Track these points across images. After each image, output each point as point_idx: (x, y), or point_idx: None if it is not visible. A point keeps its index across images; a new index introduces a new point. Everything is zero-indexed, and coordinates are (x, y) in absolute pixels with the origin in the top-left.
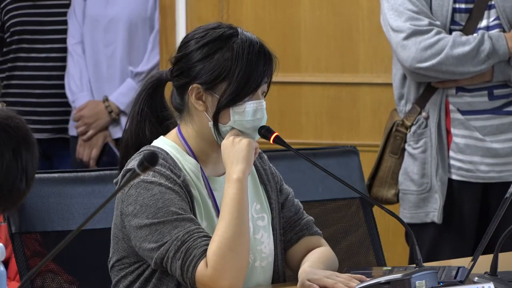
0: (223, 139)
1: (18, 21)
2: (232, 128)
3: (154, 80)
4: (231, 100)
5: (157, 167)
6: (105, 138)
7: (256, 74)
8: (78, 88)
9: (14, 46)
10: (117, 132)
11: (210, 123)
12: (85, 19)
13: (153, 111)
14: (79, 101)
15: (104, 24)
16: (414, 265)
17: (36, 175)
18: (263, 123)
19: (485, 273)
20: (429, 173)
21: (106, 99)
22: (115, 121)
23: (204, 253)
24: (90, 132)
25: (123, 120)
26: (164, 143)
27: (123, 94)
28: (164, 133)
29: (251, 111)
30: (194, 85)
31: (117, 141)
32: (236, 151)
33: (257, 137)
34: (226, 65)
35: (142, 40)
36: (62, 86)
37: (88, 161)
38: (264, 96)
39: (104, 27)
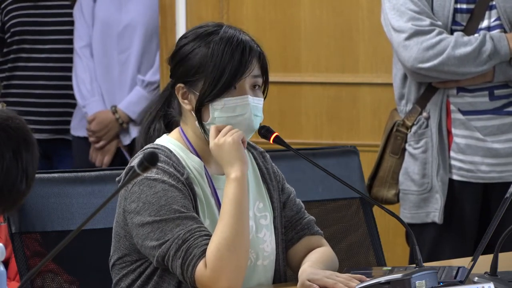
0: None
1: (18, 21)
2: (213, 125)
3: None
4: (209, 96)
5: (160, 164)
6: (117, 144)
7: (231, 68)
8: (89, 93)
9: (15, 47)
10: (126, 140)
11: (196, 122)
12: (94, 21)
13: (164, 111)
14: (90, 106)
15: (118, 30)
16: (414, 265)
17: (36, 175)
18: (250, 118)
19: (485, 273)
20: (429, 173)
21: (115, 110)
22: (125, 130)
23: (204, 252)
24: (102, 143)
25: (132, 128)
26: (168, 141)
27: (134, 103)
28: (169, 131)
29: (231, 107)
30: (178, 84)
31: (126, 147)
32: (225, 152)
33: (251, 134)
34: (202, 62)
35: (156, 48)
36: (62, 87)
37: (101, 166)
38: (265, 94)
39: (119, 33)
